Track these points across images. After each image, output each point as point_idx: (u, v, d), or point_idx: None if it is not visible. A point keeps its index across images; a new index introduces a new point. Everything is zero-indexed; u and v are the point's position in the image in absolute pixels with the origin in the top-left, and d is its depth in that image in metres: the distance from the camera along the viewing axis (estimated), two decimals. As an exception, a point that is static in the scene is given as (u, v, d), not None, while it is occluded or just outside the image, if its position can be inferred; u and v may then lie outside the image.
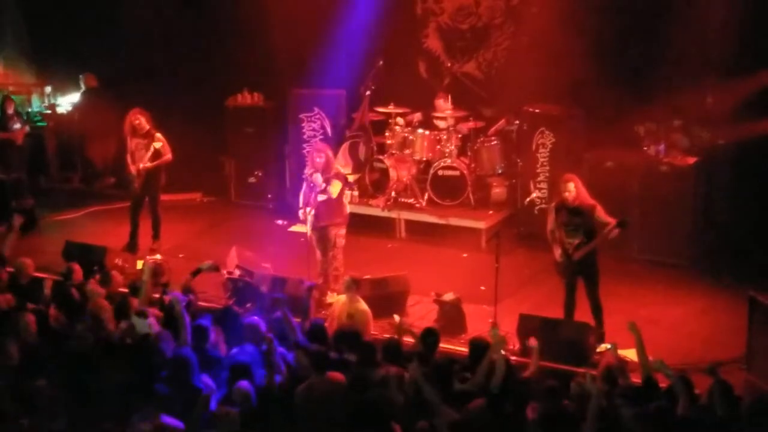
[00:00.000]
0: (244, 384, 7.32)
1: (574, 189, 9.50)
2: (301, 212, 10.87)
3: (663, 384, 7.62)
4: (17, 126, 14.04)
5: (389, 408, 7.06)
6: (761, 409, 6.86)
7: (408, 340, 8.84)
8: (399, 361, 7.92)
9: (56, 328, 8.69)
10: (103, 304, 8.68)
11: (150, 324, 8.44)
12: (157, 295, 9.45)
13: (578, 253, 9.55)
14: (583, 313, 9.79)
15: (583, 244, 9.51)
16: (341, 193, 10.78)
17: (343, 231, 10.86)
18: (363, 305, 9.50)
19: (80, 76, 15.65)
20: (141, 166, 12.06)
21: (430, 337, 8.35)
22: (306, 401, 7.41)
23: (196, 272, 9.31)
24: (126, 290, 9.57)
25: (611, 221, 9.46)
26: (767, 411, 6.83)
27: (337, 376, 7.54)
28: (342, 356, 8.00)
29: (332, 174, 10.67)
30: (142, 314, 8.49)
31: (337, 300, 9.82)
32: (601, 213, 9.50)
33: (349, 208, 11.12)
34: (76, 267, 9.80)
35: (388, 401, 7.15)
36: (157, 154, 12.08)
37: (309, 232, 10.83)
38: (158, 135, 12.14)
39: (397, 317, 9.28)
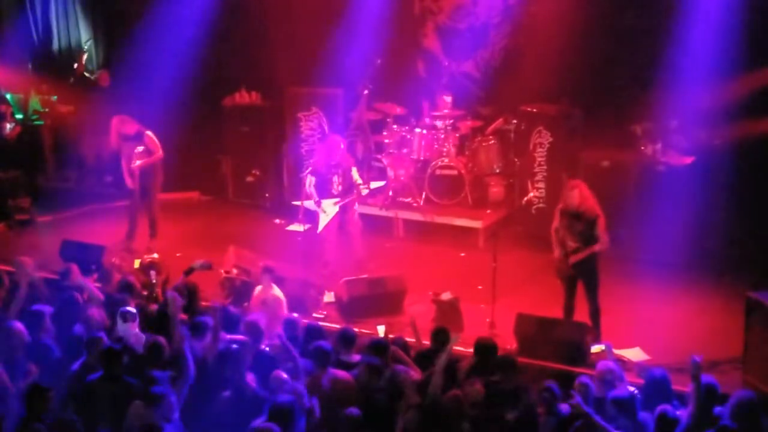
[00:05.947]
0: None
1: (578, 196, 9.54)
2: (314, 204, 11.37)
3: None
4: (9, 125, 14.03)
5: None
6: (751, 409, 6.88)
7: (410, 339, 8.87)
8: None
9: None
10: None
11: (128, 328, 8.17)
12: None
13: (573, 257, 9.61)
14: (582, 315, 9.82)
15: (580, 249, 9.56)
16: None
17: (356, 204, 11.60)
18: (276, 291, 9.59)
19: (95, 72, 15.63)
20: (135, 163, 12.09)
21: (441, 335, 8.36)
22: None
23: (189, 271, 9.29)
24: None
25: (604, 239, 9.51)
26: (756, 411, 6.87)
27: (343, 374, 7.58)
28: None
29: (347, 165, 11.50)
30: (127, 317, 8.26)
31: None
32: (600, 227, 9.52)
33: None
34: (74, 267, 9.78)
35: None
36: (146, 148, 12.10)
37: (321, 226, 11.34)
38: (148, 132, 12.19)
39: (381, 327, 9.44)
